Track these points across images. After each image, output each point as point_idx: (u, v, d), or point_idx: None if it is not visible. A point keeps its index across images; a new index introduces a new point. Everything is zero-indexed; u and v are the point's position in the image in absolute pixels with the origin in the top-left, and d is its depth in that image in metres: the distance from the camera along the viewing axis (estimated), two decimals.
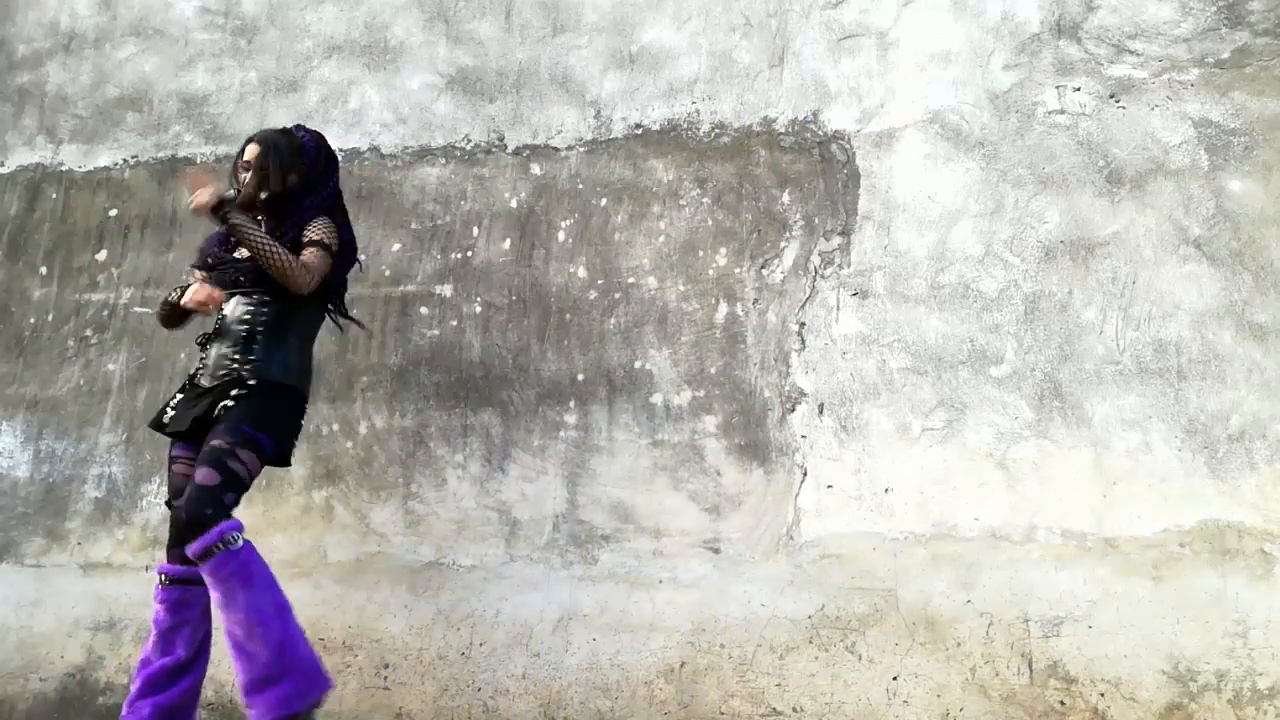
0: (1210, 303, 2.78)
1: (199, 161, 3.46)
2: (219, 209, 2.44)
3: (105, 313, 3.36)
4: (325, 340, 3.18)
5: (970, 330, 2.87)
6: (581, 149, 3.24)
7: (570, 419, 3.00)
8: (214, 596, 2.28)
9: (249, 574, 2.26)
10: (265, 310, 2.50)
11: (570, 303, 3.10)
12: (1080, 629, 2.60)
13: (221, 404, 2.39)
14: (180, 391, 2.56)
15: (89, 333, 3.35)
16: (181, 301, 2.51)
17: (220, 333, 2.51)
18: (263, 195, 2.55)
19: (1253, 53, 2.95)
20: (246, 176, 2.57)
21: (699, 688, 2.72)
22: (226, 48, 3.58)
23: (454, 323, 3.13)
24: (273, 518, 3.02)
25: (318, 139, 2.70)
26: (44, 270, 3.45)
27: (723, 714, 2.69)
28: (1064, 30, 3.08)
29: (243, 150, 2.61)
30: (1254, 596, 2.55)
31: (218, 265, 2.62)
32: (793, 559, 2.77)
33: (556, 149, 3.26)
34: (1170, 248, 2.84)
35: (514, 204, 3.22)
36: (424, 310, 3.17)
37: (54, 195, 3.52)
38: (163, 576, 2.44)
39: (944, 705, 2.60)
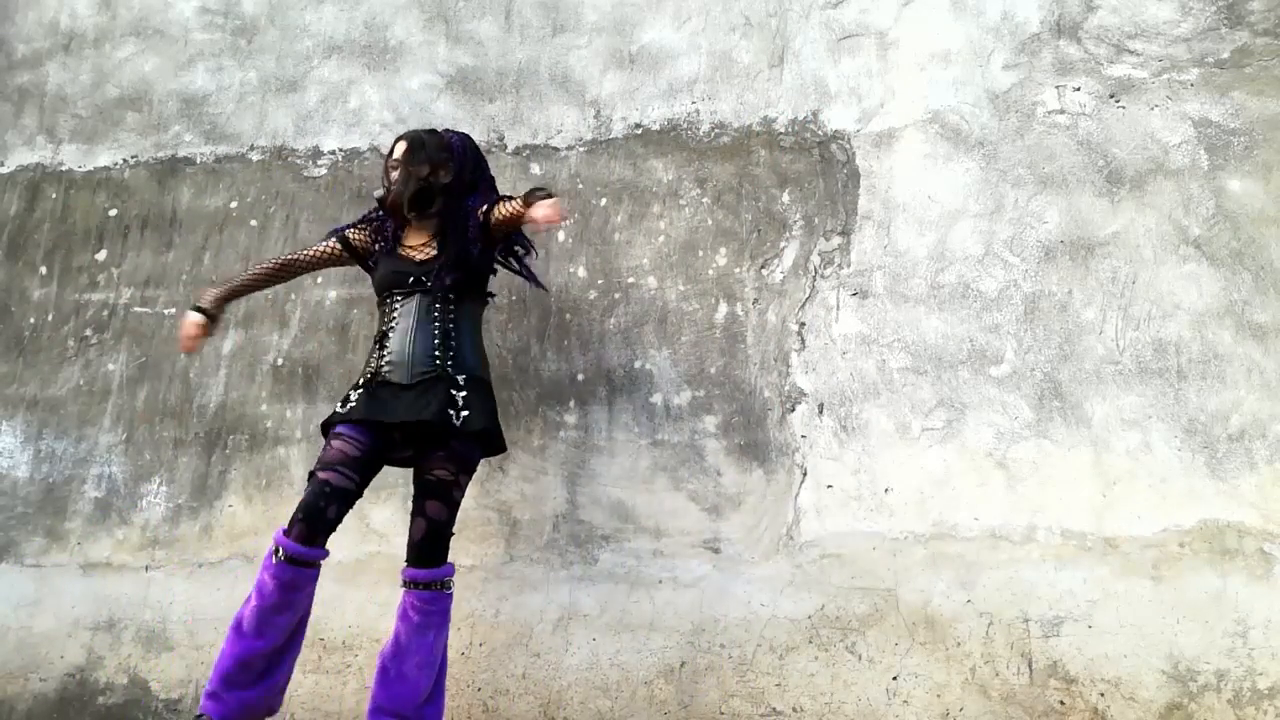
0: (1210, 303, 2.78)
1: (199, 162, 3.46)
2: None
3: (105, 313, 3.36)
4: (325, 340, 3.18)
5: (970, 330, 2.87)
6: (581, 149, 3.24)
7: (570, 419, 3.00)
8: (410, 622, 2.36)
9: (446, 619, 2.43)
10: (451, 307, 2.56)
11: (570, 303, 3.10)
12: (1080, 629, 2.60)
13: (449, 409, 2.41)
14: (358, 388, 2.50)
15: (89, 333, 3.35)
16: (540, 218, 2.34)
17: (404, 330, 2.52)
18: (415, 189, 2.54)
19: (1253, 53, 2.95)
20: (396, 174, 2.59)
21: (699, 688, 2.72)
22: (226, 48, 3.59)
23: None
24: (273, 517, 3.02)
25: (464, 138, 2.72)
26: (44, 270, 3.45)
27: (723, 714, 2.69)
28: (1064, 30, 3.08)
29: (392, 150, 2.65)
30: (1254, 596, 2.55)
31: (393, 261, 2.60)
32: (793, 559, 2.77)
33: (556, 149, 3.26)
34: (1170, 248, 2.84)
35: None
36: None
37: (54, 195, 3.52)
38: (280, 551, 2.28)
39: (944, 705, 2.60)
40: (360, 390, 2.49)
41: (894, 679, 2.65)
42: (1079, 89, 3.02)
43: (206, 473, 3.12)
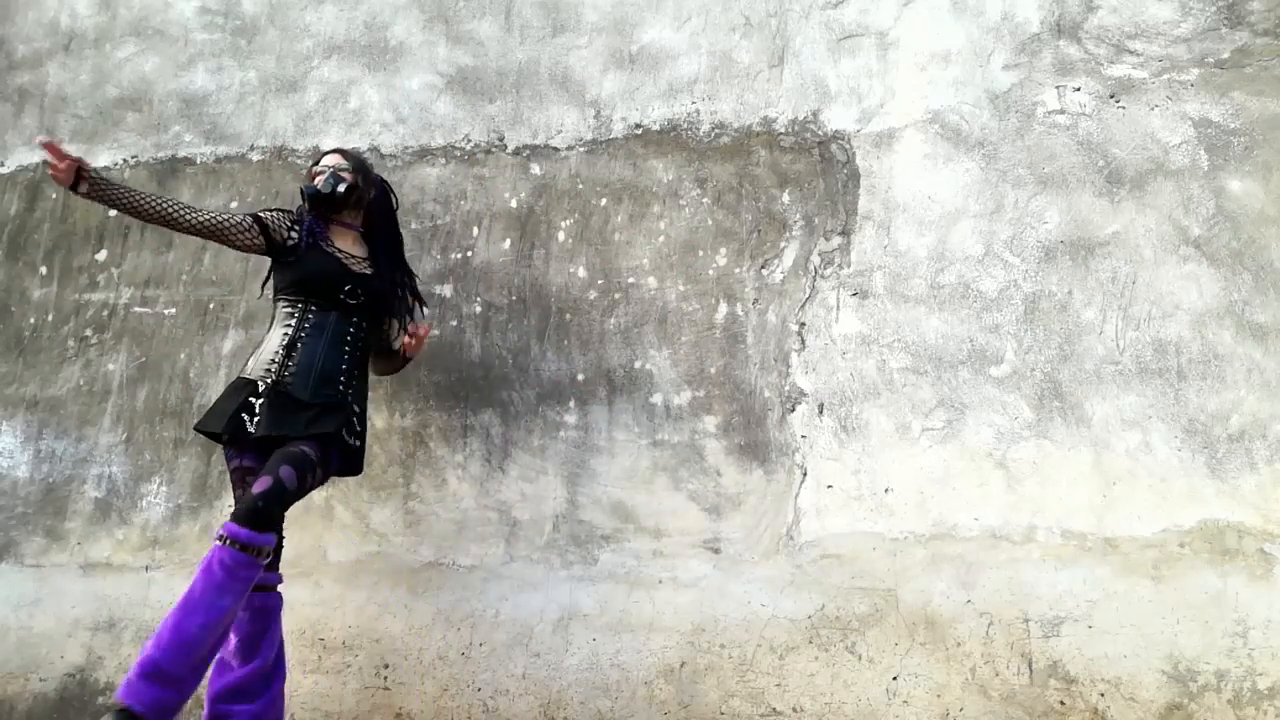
0: (1210, 303, 2.78)
1: (199, 162, 3.46)
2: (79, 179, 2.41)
3: (105, 313, 3.36)
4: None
5: (970, 330, 2.87)
6: (581, 149, 3.24)
7: (570, 419, 3.00)
8: (210, 577, 2.18)
9: (244, 590, 2.24)
10: (361, 339, 2.69)
11: (570, 303, 3.10)
12: (1080, 629, 2.60)
13: (350, 440, 2.55)
14: (244, 394, 2.53)
15: (89, 333, 3.35)
16: (406, 351, 2.73)
17: (322, 349, 2.58)
18: (349, 183, 2.70)
19: (1253, 53, 2.95)
20: (321, 177, 2.69)
21: (699, 688, 2.72)
22: (226, 48, 3.59)
23: (454, 323, 3.13)
24: None
25: (384, 182, 2.93)
26: (44, 270, 3.45)
27: (723, 714, 2.69)
28: (1064, 30, 3.08)
29: (320, 159, 2.76)
30: (1254, 596, 2.55)
31: (329, 260, 2.66)
32: (793, 559, 2.77)
33: (556, 149, 3.26)
34: (1170, 248, 2.84)
35: (514, 204, 3.22)
36: (424, 310, 3.17)
37: (54, 195, 3.52)
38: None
39: (944, 705, 2.60)
40: (261, 400, 2.46)
41: (894, 679, 2.65)
42: (1079, 89, 3.02)
43: (206, 473, 3.12)
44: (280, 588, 2.53)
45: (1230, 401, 2.70)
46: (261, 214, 2.65)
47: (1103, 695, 2.54)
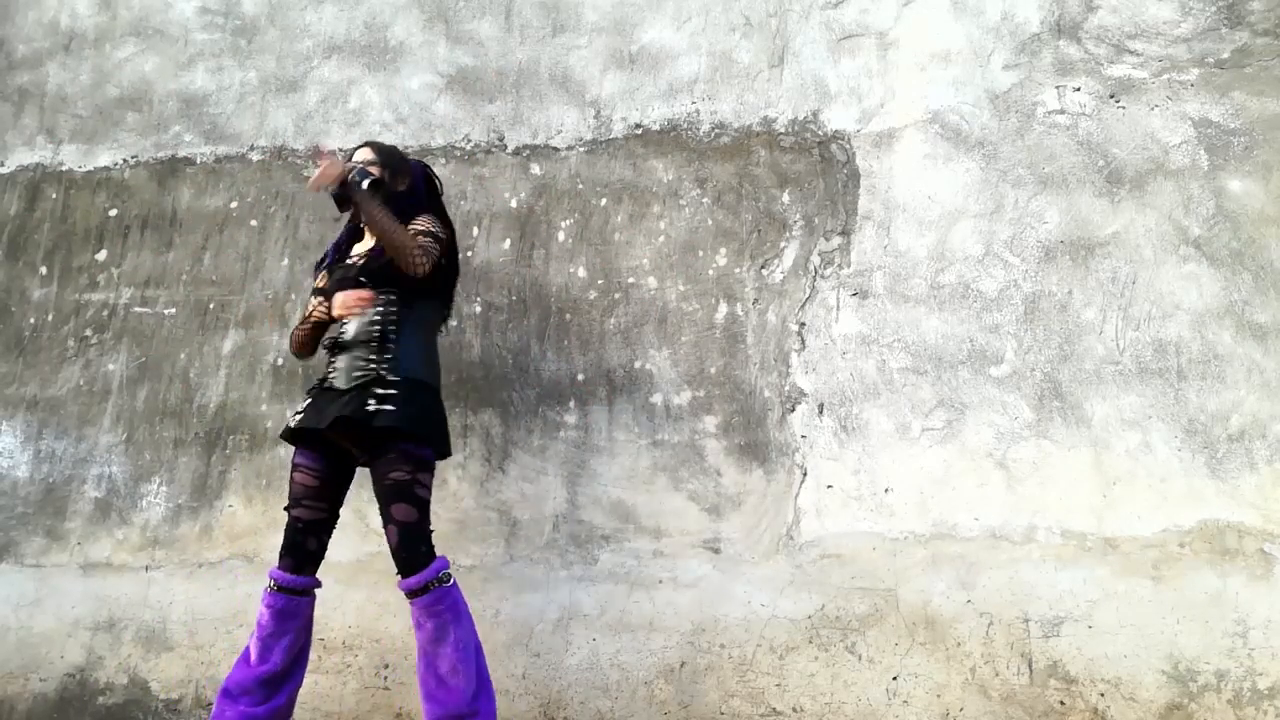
0: (1210, 303, 2.78)
1: (199, 162, 3.46)
2: (344, 184, 2.47)
3: (105, 313, 3.36)
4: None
5: (970, 330, 2.87)
6: (581, 149, 3.24)
7: (570, 419, 3.00)
8: (425, 630, 2.30)
9: (458, 610, 2.34)
10: (394, 310, 2.50)
11: (570, 303, 3.10)
12: (1080, 629, 2.60)
13: (368, 405, 2.36)
14: (308, 397, 2.52)
15: (89, 333, 3.35)
16: (333, 312, 2.49)
17: (350, 336, 2.50)
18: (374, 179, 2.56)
19: (1253, 53, 2.95)
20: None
21: (699, 688, 2.72)
22: (226, 48, 3.59)
23: (454, 323, 3.13)
24: (273, 518, 3.02)
25: (423, 165, 2.81)
26: (44, 270, 3.45)
27: (723, 714, 2.69)
28: (1064, 30, 3.08)
29: (352, 154, 2.68)
30: (1254, 596, 2.55)
31: (337, 267, 2.63)
32: (793, 559, 2.77)
33: (556, 149, 3.26)
34: (1170, 248, 2.84)
35: (514, 204, 3.22)
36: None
37: (54, 195, 3.52)
38: (272, 582, 2.41)
39: (944, 705, 2.60)
40: (308, 399, 2.51)
41: (894, 679, 2.65)
42: (1079, 89, 3.02)
43: (206, 473, 3.12)
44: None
45: (1230, 401, 2.70)
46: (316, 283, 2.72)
47: (1103, 695, 2.54)
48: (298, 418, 2.47)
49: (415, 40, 3.46)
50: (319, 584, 2.49)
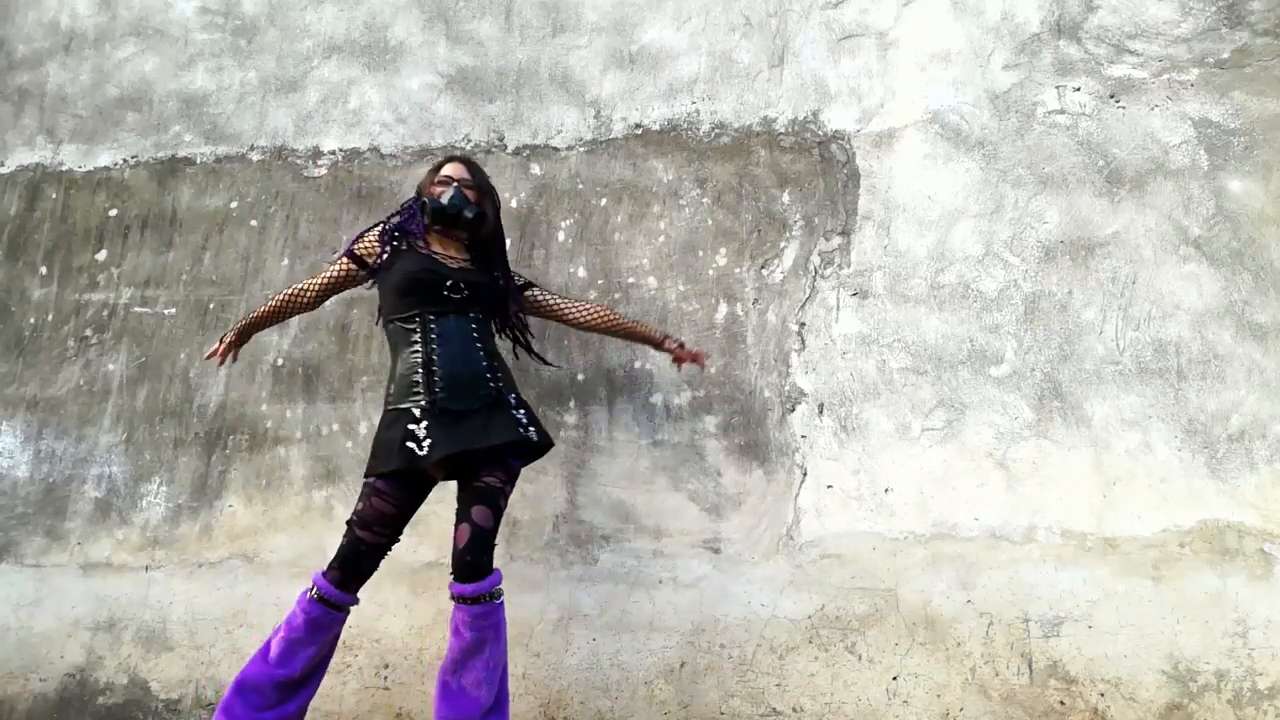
0: (1210, 303, 2.78)
1: (199, 162, 3.46)
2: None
3: (105, 313, 3.36)
4: (325, 340, 3.18)
5: (970, 330, 2.87)
6: (581, 149, 3.24)
7: (570, 419, 3.00)
8: (462, 639, 2.28)
9: (499, 630, 2.34)
10: (488, 329, 2.57)
11: None
12: (1080, 629, 2.60)
13: (521, 426, 2.42)
14: (407, 423, 2.37)
15: (89, 333, 3.35)
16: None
17: (453, 359, 2.44)
18: (478, 211, 2.59)
19: (1253, 53, 2.95)
20: (442, 189, 2.58)
21: (699, 688, 2.72)
22: (226, 48, 3.59)
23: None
24: (273, 518, 3.02)
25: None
26: (44, 270, 3.45)
27: (723, 714, 2.69)
28: (1064, 30, 3.08)
29: (440, 166, 2.64)
30: (1254, 596, 2.55)
31: (434, 270, 2.52)
32: (793, 559, 2.77)
33: (556, 149, 3.26)
34: (1170, 248, 2.84)
35: (514, 204, 3.21)
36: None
37: (54, 195, 3.52)
38: (315, 590, 2.34)
39: (944, 705, 2.60)
40: (424, 424, 2.36)
41: (894, 679, 2.65)
42: (1079, 89, 3.02)
43: (206, 473, 3.12)
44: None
45: (1230, 401, 2.70)
46: (355, 247, 2.60)
47: (1103, 695, 2.54)
48: (428, 445, 2.33)
49: (415, 40, 3.46)
50: (357, 602, 2.41)
